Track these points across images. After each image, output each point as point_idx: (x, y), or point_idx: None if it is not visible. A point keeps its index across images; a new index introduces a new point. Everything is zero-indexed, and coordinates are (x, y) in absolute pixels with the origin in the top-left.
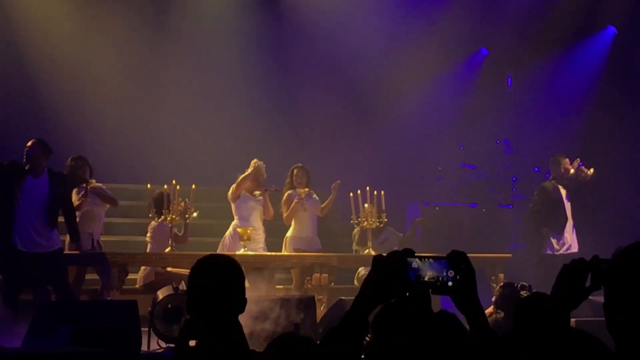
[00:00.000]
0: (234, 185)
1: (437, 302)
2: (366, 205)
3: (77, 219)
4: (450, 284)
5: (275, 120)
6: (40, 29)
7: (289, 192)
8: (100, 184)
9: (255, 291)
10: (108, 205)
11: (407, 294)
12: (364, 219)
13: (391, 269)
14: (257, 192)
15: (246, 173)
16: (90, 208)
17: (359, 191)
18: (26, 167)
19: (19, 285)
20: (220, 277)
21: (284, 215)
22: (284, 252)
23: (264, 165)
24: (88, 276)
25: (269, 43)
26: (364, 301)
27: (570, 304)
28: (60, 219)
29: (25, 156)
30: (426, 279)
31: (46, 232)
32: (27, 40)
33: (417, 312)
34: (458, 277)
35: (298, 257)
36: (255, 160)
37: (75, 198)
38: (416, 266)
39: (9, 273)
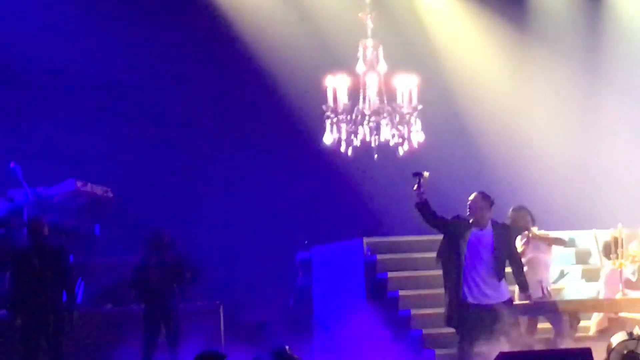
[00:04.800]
0: None
1: None
2: None
3: (525, 269)
4: None
5: None
6: (471, 76)
7: None
8: (543, 232)
9: None
10: (552, 253)
11: None
12: None
13: None
14: None
15: None
16: (535, 255)
17: None
18: (470, 220)
19: (472, 338)
20: None
21: None
22: None
23: None
24: (541, 325)
25: None
26: None
27: None
28: (508, 269)
29: (468, 209)
30: None
31: (494, 283)
32: (461, 90)
33: None
34: None
35: None
36: None
37: (519, 247)
38: None
39: (462, 327)
